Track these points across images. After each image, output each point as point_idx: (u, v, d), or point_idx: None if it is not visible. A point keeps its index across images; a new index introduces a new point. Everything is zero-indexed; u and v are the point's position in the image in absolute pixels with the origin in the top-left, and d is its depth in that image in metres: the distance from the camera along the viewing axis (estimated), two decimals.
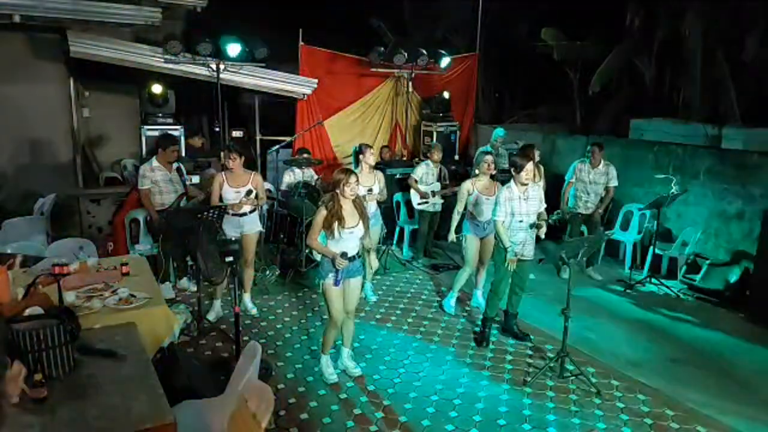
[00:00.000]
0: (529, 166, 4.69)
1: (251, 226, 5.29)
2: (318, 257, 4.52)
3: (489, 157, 5.47)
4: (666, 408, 4.08)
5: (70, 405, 2.50)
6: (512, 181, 4.80)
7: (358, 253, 4.17)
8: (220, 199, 5.09)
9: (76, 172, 7.95)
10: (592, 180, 6.60)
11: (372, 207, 5.53)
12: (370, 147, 5.73)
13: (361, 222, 4.09)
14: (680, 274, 6.64)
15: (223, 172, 5.19)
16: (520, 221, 4.76)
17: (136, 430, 2.34)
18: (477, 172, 5.54)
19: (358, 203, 4.12)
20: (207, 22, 8.16)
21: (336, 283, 4.09)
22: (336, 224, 3.96)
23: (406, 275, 6.83)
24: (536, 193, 4.82)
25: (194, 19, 8.30)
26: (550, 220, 5.11)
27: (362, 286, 5.93)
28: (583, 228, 6.81)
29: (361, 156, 5.63)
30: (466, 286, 5.73)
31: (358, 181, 4.08)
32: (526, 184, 4.74)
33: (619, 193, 7.23)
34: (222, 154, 5.21)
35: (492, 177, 5.48)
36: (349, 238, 4.04)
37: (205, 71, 7.52)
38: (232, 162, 5.09)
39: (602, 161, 6.61)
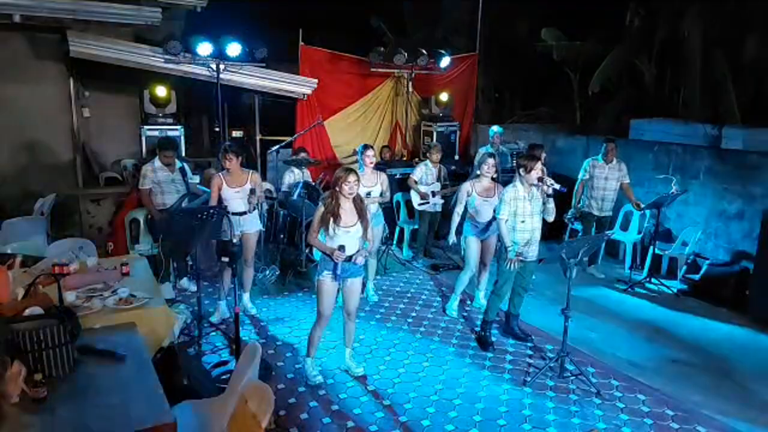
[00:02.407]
0: (538, 165, 4.67)
1: (251, 226, 5.28)
2: (318, 256, 4.52)
3: (491, 160, 5.46)
4: (666, 408, 4.08)
5: (70, 405, 2.50)
6: (517, 180, 4.78)
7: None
8: (220, 199, 5.08)
9: (76, 172, 7.93)
10: (607, 176, 6.58)
11: (373, 207, 5.53)
12: (371, 147, 5.71)
13: (359, 222, 4.10)
14: (680, 274, 6.64)
15: (221, 173, 5.18)
16: (523, 221, 4.75)
17: (136, 430, 2.34)
18: (478, 173, 5.53)
19: (358, 203, 4.14)
20: (207, 22, 8.15)
21: (336, 278, 4.09)
22: (331, 221, 4.01)
23: (406, 275, 6.83)
24: (539, 192, 4.77)
25: (194, 19, 8.29)
26: (565, 219, 5.06)
27: (364, 287, 6.00)
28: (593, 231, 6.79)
29: (364, 157, 5.60)
30: (467, 287, 5.72)
31: (358, 180, 4.10)
32: (533, 185, 4.72)
33: (619, 192, 7.22)
34: (219, 155, 5.21)
35: (493, 179, 5.48)
36: (344, 236, 4.04)
37: (205, 71, 7.52)
38: (229, 162, 5.08)
39: (615, 158, 6.60)
